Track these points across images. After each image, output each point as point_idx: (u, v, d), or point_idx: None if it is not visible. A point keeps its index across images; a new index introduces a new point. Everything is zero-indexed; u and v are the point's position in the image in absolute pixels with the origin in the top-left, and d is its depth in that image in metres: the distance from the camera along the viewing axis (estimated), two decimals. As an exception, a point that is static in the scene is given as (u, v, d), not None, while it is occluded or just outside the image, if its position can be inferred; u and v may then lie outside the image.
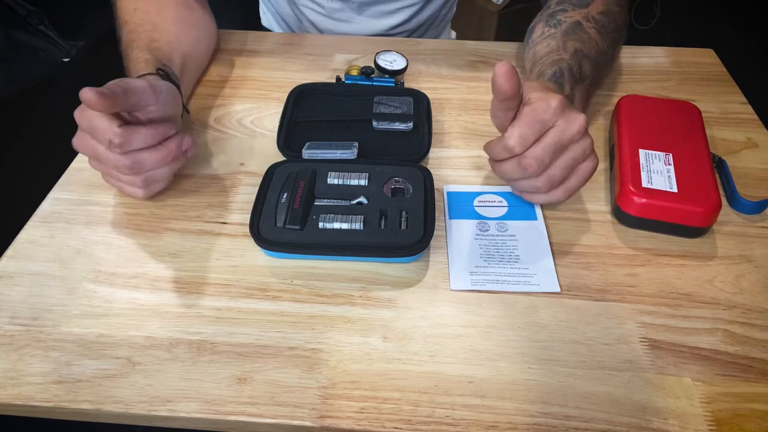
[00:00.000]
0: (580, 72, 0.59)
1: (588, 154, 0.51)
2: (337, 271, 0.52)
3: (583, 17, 0.63)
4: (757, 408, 0.42)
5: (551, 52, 0.61)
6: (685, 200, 0.52)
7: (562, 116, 0.49)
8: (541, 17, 0.67)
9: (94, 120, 0.49)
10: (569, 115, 0.49)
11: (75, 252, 0.53)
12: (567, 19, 0.64)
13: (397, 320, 0.48)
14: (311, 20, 0.91)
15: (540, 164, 0.49)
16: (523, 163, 0.49)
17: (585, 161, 0.51)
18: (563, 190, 0.52)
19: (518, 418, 0.42)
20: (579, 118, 0.49)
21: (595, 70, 0.61)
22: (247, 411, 0.42)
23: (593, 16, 0.64)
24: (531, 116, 0.49)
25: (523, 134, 0.48)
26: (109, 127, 0.49)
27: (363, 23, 0.90)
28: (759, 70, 1.35)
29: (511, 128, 0.49)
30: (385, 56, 0.71)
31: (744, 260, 0.52)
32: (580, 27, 0.63)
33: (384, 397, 0.43)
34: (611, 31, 0.64)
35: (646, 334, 0.47)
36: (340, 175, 0.56)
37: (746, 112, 0.68)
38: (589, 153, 0.51)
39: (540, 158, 0.49)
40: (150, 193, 0.55)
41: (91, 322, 0.48)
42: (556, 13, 0.65)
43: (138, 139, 0.50)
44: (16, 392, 0.43)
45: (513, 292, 0.50)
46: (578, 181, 0.52)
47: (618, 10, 0.67)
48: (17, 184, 1.02)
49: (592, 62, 0.61)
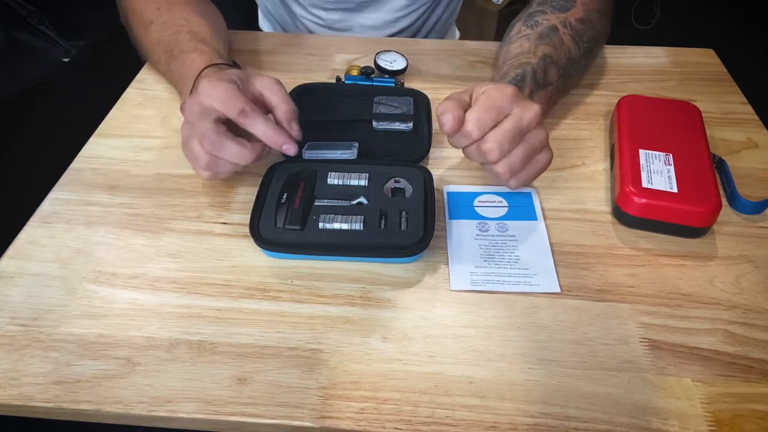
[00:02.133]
0: (545, 78, 0.60)
1: (545, 144, 0.52)
2: (337, 271, 0.52)
3: (560, 22, 0.64)
4: (757, 408, 0.42)
5: (521, 54, 0.61)
6: (685, 200, 0.52)
7: (518, 104, 0.50)
8: (522, 16, 0.67)
9: (236, 90, 0.51)
10: (524, 103, 0.51)
11: (75, 252, 0.53)
12: (544, 21, 0.64)
13: (397, 320, 0.48)
14: (311, 31, 0.91)
15: (500, 148, 0.50)
16: (483, 148, 0.50)
17: (541, 152, 0.52)
18: (517, 180, 0.53)
19: (518, 418, 0.42)
20: (534, 107, 0.50)
21: (561, 77, 0.62)
22: (247, 411, 0.42)
23: (571, 22, 0.64)
24: (487, 102, 0.50)
25: (480, 118, 0.49)
26: (243, 100, 0.51)
27: (364, 33, 0.90)
28: (759, 70, 1.35)
29: (468, 114, 0.50)
30: (385, 56, 0.71)
31: (744, 260, 0.52)
32: (556, 32, 0.63)
33: (384, 398, 0.43)
34: (587, 40, 0.65)
35: (646, 334, 0.47)
36: (340, 175, 0.56)
37: (746, 112, 0.68)
38: (546, 144, 0.52)
39: (499, 142, 0.49)
40: (214, 176, 0.54)
41: (91, 322, 0.48)
42: (535, 14, 0.65)
43: (260, 122, 0.51)
44: (16, 392, 0.43)
45: (513, 293, 0.50)
46: (535, 171, 0.53)
47: (597, 17, 0.67)
48: (17, 184, 1.02)
49: (559, 69, 0.61)
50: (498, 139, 0.49)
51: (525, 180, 0.53)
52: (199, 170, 0.54)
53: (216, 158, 0.52)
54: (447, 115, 0.49)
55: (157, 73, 0.73)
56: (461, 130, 0.50)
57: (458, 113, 0.49)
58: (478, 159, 0.53)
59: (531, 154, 0.52)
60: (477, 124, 0.49)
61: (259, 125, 0.51)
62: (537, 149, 0.52)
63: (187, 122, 0.52)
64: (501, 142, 0.49)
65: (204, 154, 0.51)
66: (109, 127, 0.67)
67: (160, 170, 0.61)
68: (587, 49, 0.65)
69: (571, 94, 0.70)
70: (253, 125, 0.51)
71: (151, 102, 0.70)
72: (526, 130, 0.50)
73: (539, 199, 0.58)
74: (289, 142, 0.53)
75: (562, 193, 0.58)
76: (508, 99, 0.50)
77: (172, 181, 0.60)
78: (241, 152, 0.51)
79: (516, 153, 0.51)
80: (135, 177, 0.60)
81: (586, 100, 0.70)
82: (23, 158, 1.23)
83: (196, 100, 0.51)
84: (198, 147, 0.51)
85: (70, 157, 0.62)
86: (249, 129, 0.51)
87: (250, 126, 0.51)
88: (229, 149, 0.51)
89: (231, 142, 0.51)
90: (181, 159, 0.62)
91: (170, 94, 0.71)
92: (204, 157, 0.52)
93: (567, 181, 0.60)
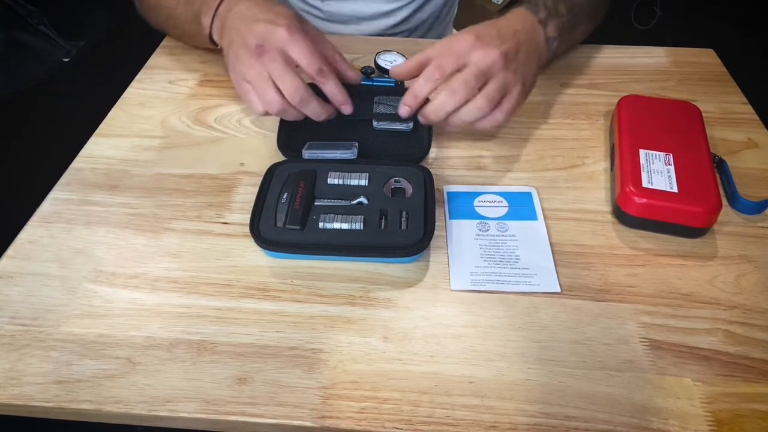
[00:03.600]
0: (556, 9, 0.63)
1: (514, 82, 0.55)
2: (337, 271, 0.52)
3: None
4: (758, 408, 0.42)
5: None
6: (685, 200, 0.52)
7: (477, 49, 0.53)
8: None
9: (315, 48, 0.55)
10: (484, 48, 0.54)
11: (75, 252, 0.53)
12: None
13: (397, 320, 0.48)
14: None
15: (466, 85, 0.53)
16: (452, 85, 0.53)
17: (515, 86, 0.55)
18: (501, 111, 0.56)
19: (518, 418, 0.42)
20: (494, 51, 0.53)
21: (570, 13, 0.65)
22: (247, 411, 0.42)
23: None
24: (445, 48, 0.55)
25: (439, 62, 0.54)
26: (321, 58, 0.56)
27: (360, 25, 0.90)
28: (759, 70, 1.35)
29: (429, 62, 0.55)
30: (385, 56, 0.71)
31: (744, 260, 0.52)
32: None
33: (384, 398, 0.43)
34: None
35: (647, 334, 0.47)
36: (340, 175, 0.56)
37: (746, 112, 0.68)
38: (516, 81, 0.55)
39: (465, 80, 0.53)
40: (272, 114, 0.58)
41: (91, 322, 0.48)
42: None
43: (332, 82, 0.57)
44: (16, 392, 0.43)
45: (513, 292, 0.50)
46: (513, 101, 0.56)
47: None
48: (17, 184, 1.02)
49: (566, 5, 0.65)
50: (464, 78, 0.53)
51: (508, 110, 0.56)
52: (261, 110, 0.57)
53: (293, 108, 0.56)
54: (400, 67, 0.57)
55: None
56: (424, 72, 0.54)
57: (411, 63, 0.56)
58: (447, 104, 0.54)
59: (505, 87, 0.55)
60: (436, 65, 0.54)
61: (331, 84, 0.57)
62: (511, 83, 0.55)
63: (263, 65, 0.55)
64: (467, 80, 0.53)
65: (279, 101, 0.55)
66: (109, 127, 0.67)
67: (160, 170, 0.61)
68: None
69: (570, 94, 0.71)
70: (325, 84, 0.57)
71: (151, 102, 0.70)
72: (488, 71, 0.53)
73: (539, 199, 0.58)
74: (348, 103, 0.59)
75: (562, 193, 0.58)
76: (466, 45, 0.54)
77: (172, 181, 0.60)
78: (320, 111, 0.57)
79: (490, 85, 0.54)
80: (135, 177, 0.60)
81: (586, 100, 0.70)
82: (23, 158, 1.23)
83: (277, 46, 0.54)
84: (274, 93, 0.55)
85: (70, 157, 0.62)
86: (321, 86, 0.57)
87: (322, 84, 0.57)
88: (313, 107, 0.57)
89: (315, 101, 0.57)
90: (181, 159, 0.62)
91: (170, 93, 0.71)
92: (278, 103, 0.55)
93: (567, 181, 0.60)
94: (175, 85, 0.73)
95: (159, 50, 0.79)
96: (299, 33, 0.55)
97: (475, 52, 0.53)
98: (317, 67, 0.55)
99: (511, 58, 0.55)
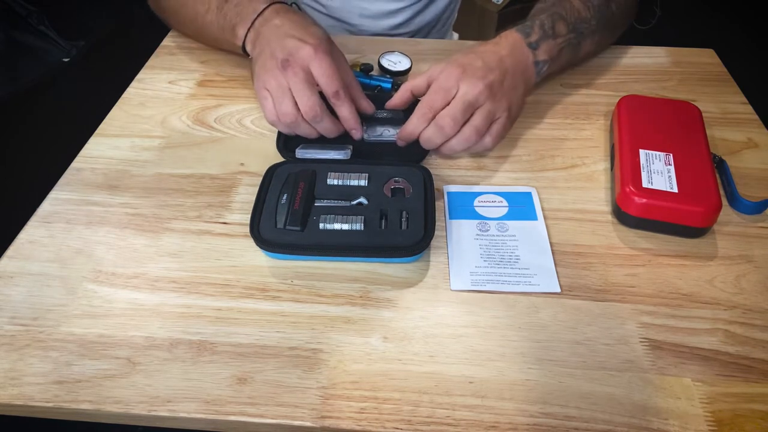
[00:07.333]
0: (553, 29, 0.64)
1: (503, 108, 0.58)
2: (337, 271, 0.52)
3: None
4: (758, 408, 0.42)
5: (533, 15, 0.66)
6: (685, 200, 0.52)
7: (463, 82, 0.56)
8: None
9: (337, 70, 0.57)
10: (469, 80, 0.56)
11: (75, 252, 0.53)
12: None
13: (397, 320, 0.48)
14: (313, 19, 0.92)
15: (454, 119, 0.56)
16: (440, 123, 0.56)
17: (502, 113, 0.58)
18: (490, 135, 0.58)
19: (518, 418, 0.42)
20: (479, 84, 0.56)
21: (573, 31, 0.65)
22: (247, 411, 0.42)
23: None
24: (435, 86, 0.57)
25: (429, 99, 0.57)
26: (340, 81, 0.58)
27: (363, 23, 0.90)
28: (759, 70, 1.35)
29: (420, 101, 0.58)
30: (390, 57, 0.71)
31: (744, 260, 0.52)
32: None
33: (384, 398, 0.43)
34: (597, 5, 0.68)
35: (647, 334, 0.47)
36: (340, 175, 0.56)
37: (746, 112, 0.68)
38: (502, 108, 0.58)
39: (453, 115, 0.56)
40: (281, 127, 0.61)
41: (91, 322, 0.48)
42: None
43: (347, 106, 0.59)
44: (16, 392, 0.43)
45: (513, 293, 0.50)
46: (501, 127, 0.59)
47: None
48: (17, 184, 1.02)
49: (567, 24, 0.65)
50: (451, 113, 0.56)
51: (496, 135, 0.59)
52: (275, 119, 0.59)
53: (305, 123, 0.59)
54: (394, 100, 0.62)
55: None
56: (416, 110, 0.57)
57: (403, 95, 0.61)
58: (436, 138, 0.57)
59: (490, 116, 0.57)
60: (427, 103, 0.57)
61: (345, 108, 0.59)
62: (497, 111, 0.58)
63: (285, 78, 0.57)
64: (454, 115, 0.56)
65: (293, 113, 0.58)
66: (109, 127, 0.67)
67: (160, 170, 0.61)
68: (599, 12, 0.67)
69: (570, 94, 0.71)
70: (341, 107, 0.59)
71: (152, 102, 0.70)
72: (475, 102, 0.56)
73: (539, 199, 0.58)
74: (359, 129, 0.61)
75: (562, 193, 0.58)
76: (453, 79, 0.56)
77: (172, 181, 0.60)
78: (332, 129, 0.60)
79: (476, 116, 0.57)
80: (135, 177, 0.60)
81: (586, 100, 0.70)
82: (23, 158, 1.23)
83: (301, 63, 0.57)
84: (290, 105, 0.57)
85: (70, 157, 0.62)
86: (336, 108, 0.59)
87: (338, 106, 0.59)
88: (325, 124, 0.59)
89: (328, 119, 0.59)
90: (181, 159, 0.62)
91: (170, 93, 0.71)
92: (292, 116, 0.58)
93: (567, 181, 0.60)
94: (175, 85, 0.73)
95: (159, 50, 0.79)
96: (324, 54, 0.57)
97: (462, 85, 0.56)
98: (335, 89, 0.57)
99: (497, 88, 0.57)
